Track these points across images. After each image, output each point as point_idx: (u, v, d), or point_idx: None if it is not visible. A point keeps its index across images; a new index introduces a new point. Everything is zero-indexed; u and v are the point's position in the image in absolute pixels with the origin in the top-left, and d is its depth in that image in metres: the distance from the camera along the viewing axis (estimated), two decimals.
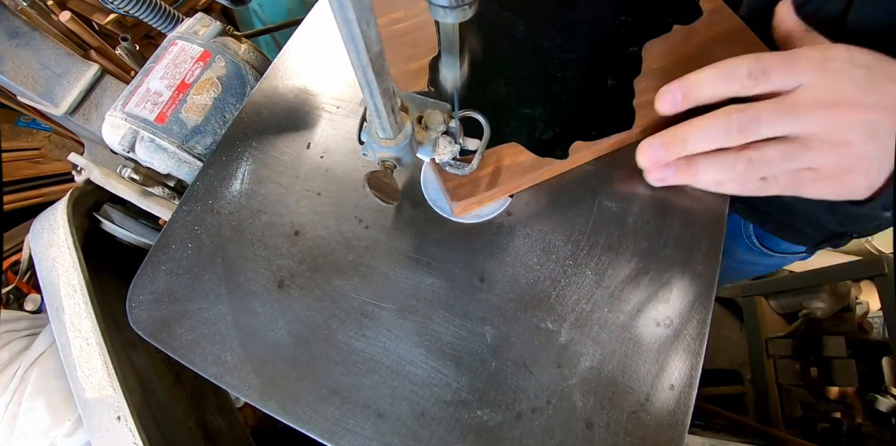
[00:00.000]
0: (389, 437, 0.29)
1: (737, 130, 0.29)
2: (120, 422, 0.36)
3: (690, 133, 0.31)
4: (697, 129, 0.31)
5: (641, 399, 0.29)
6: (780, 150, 0.29)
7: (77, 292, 0.39)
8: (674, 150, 0.31)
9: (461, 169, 0.30)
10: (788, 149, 0.29)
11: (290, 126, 0.37)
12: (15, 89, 0.42)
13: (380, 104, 0.22)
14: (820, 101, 0.29)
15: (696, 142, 0.31)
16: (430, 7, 0.20)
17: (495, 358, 0.30)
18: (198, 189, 0.35)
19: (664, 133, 0.32)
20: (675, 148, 0.31)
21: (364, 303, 0.31)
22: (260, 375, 0.30)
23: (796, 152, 0.29)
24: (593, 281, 0.31)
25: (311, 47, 0.40)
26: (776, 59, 0.30)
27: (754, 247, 0.58)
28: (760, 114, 0.29)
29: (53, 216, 0.41)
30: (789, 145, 0.29)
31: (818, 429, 1.02)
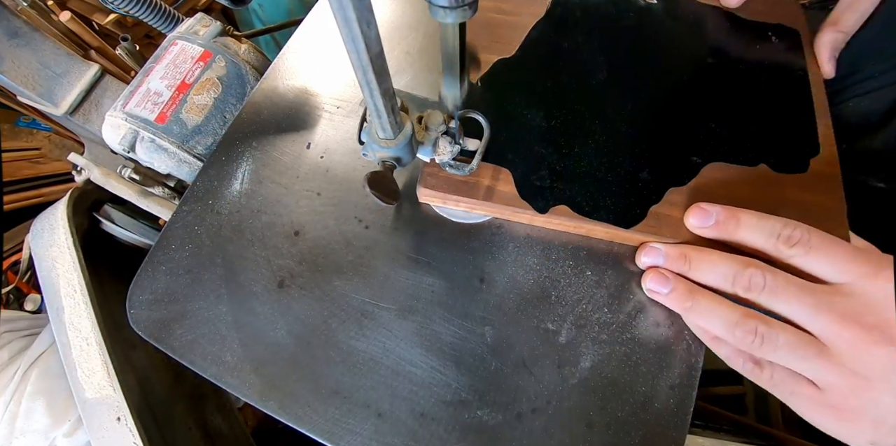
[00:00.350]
0: (389, 437, 0.29)
1: (744, 284, 0.27)
2: (120, 423, 0.36)
3: (697, 258, 0.28)
4: (706, 257, 0.28)
5: (641, 399, 0.29)
6: (793, 340, 0.26)
7: (77, 292, 0.39)
8: (673, 263, 0.29)
9: (461, 169, 0.30)
10: (803, 345, 0.25)
11: (290, 126, 0.37)
12: (15, 89, 0.42)
13: (380, 104, 0.22)
14: (853, 313, 0.25)
15: (698, 269, 0.28)
16: (431, 8, 0.20)
17: (495, 358, 0.30)
18: (198, 189, 0.35)
19: (672, 245, 0.30)
20: (675, 262, 0.29)
21: (364, 303, 0.31)
22: (260, 375, 0.30)
23: (809, 354, 0.25)
24: (593, 281, 0.31)
25: (311, 47, 0.40)
26: (828, 241, 0.27)
27: None
28: (779, 284, 0.26)
29: (53, 216, 0.41)
30: (807, 343, 0.26)
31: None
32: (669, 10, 0.38)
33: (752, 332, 0.26)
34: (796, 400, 0.27)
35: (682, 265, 0.29)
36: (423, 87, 0.38)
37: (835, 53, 0.36)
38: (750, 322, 0.26)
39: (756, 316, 0.26)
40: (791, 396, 0.27)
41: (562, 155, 0.32)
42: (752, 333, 0.26)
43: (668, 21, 0.38)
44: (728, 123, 0.33)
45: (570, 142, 0.33)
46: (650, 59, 0.36)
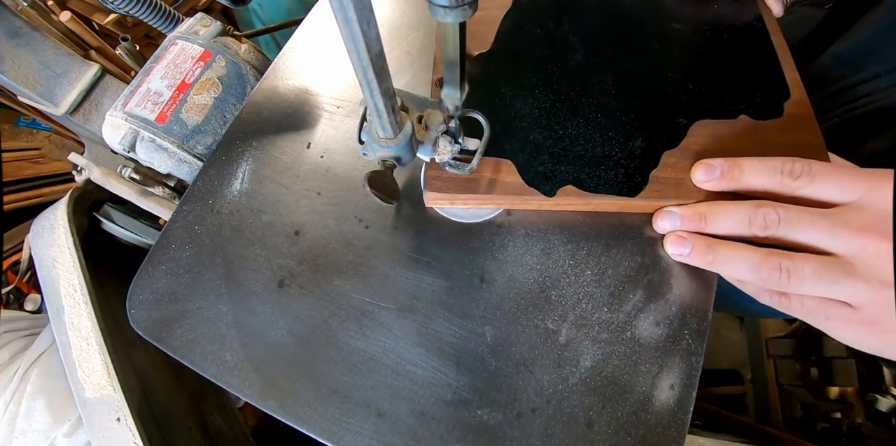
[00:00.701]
0: (389, 437, 0.29)
1: (760, 223, 0.27)
2: (120, 423, 0.36)
3: (711, 211, 0.29)
4: (720, 209, 0.29)
5: (641, 399, 0.29)
6: (818, 268, 0.26)
7: (77, 292, 0.39)
8: (689, 223, 0.30)
9: (461, 169, 0.30)
10: (829, 269, 0.26)
11: (290, 126, 0.37)
12: (15, 89, 0.42)
13: (380, 104, 0.22)
14: (869, 225, 0.25)
15: (714, 222, 0.29)
16: (430, 7, 0.20)
17: (495, 358, 0.30)
18: (198, 189, 0.35)
19: (686, 206, 0.30)
20: (691, 221, 0.30)
21: (364, 302, 0.31)
22: (260, 375, 0.30)
23: (837, 276, 0.26)
24: (593, 281, 0.31)
25: (311, 47, 0.40)
26: (828, 166, 0.28)
27: None
28: (792, 215, 0.27)
29: (53, 216, 0.41)
30: (831, 265, 0.26)
31: (818, 429, 1.02)
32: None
33: (776, 269, 0.26)
34: (832, 324, 0.27)
35: (699, 222, 0.30)
36: (423, 87, 0.38)
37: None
38: (773, 259, 0.27)
39: (777, 252, 0.27)
40: (827, 321, 0.27)
41: (557, 138, 0.33)
42: (777, 269, 0.26)
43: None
44: (704, 82, 0.35)
45: (563, 124, 0.34)
46: (620, 33, 0.37)
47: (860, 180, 0.27)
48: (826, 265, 0.26)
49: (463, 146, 0.30)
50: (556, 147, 0.33)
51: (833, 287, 0.26)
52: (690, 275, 0.31)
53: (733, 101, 0.34)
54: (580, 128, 0.33)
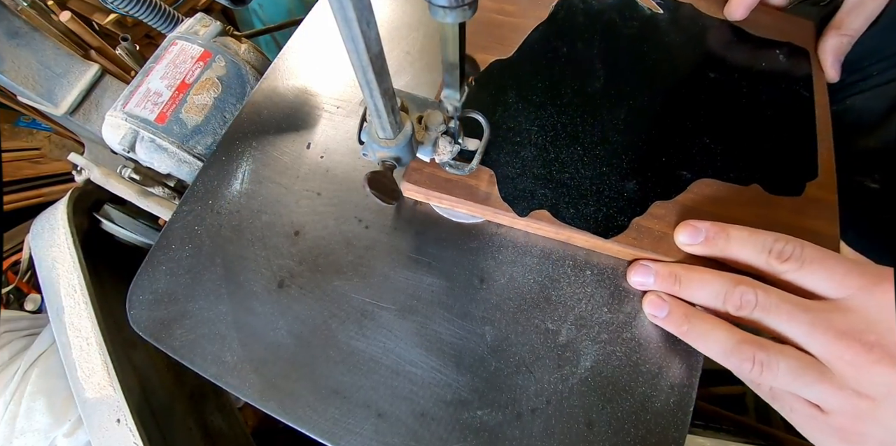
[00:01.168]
0: (389, 437, 0.29)
1: (735, 303, 0.26)
2: (120, 423, 0.36)
3: (687, 276, 0.28)
4: (697, 276, 0.28)
5: (642, 399, 0.29)
6: (795, 367, 0.24)
7: (77, 292, 0.39)
8: (662, 282, 0.29)
9: (461, 169, 0.30)
10: (805, 370, 0.24)
11: (290, 126, 0.37)
12: (15, 89, 0.42)
13: (380, 104, 0.22)
14: (852, 330, 0.24)
15: (688, 288, 0.28)
16: (430, 7, 0.20)
17: (495, 358, 0.30)
18: (198, 189, 0.35)
19: (663, 263, 0.29)
20: (665, 281, 0.29)
21: (364, 302, 0.31)
22: (260, 375, 0.30)
23: (811, 380, 0.24)
24: (593, 281, 0.31)
25: (311, 47, 0.40)
26: (822, 254, 0.25)
27: None
28: (771, 301, 0.25)
29: (53, 216, 0.41)
30: (807, 366, 0.24)
31: None
32: (674, 20, 0.38)
33: (749, 360, 0.25)
34: (796, 418, 0.26)
35: (672, 284, 0.28)
36: (423, 87, 0.38)
37: (840, 58, 0.35)
38: (747, 349, 0.25)
39: (754, 341, 0.25)
40: (791, 414, 0.26)
41: (548, 160, 0.32)
42: (750, 361, 0.25)
43: (671, 32, 0.37)
44: (723, 140, 0.33)
45: (558, 148, 0.32)
46: (649, 70, 0.36)
47: (854, 276, 0.25)
48: (802, 365, 0.24)
49: (463, 146, 0.30)
50: (543, 169, 0.31)
51: (805, 389, 0.25)
52: None
53: (750, 166, 0.32)
54: (574, 155, 0.32)
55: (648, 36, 0.37)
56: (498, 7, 0.37)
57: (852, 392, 0.23)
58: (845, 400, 0.24)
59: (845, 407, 0.24)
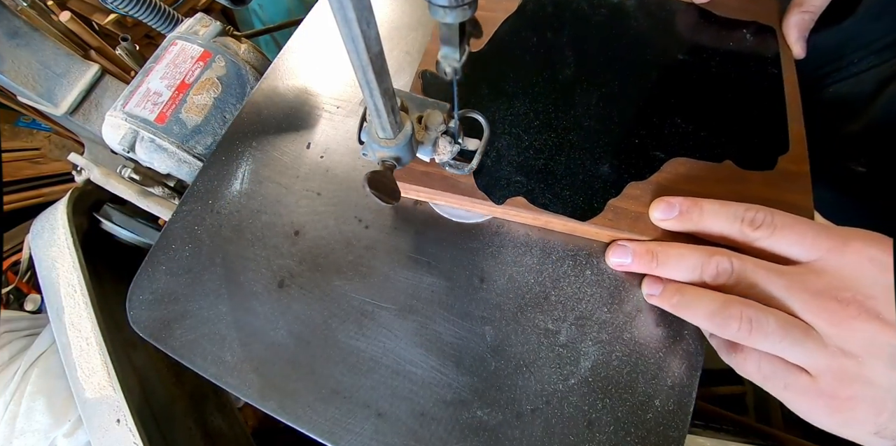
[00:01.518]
0: (389, 437, 0.29)
1: (711, 272, 0.26)
2: (120, 423, 0.36)
3: (663, 252, 0.28)
4: (673, 251, 0.28)
5: (641, 398, 0.29)
6: (785, 324, 0.24)
7: (77, 292, 0.39)
8: (640, 260, 0.29)
9: (461, 168, 0.30)
10: (791, 327, 0.24)
11: (290, 126, 0.37)
12: (15, 89, 0.42)
13: (380, 104, 0.22)
14: (826, 289, 0.24)
15: (665, 264, 0.28)
16: (430, 7, 0.20)
17: (495, 358, 0.30)
18: (198, 189, 0.35)
19: (639, 242, 0.30)
20: (642, 258, 0.29)
21: (364, 302, 0.31)
22: (260, 375, 0.30)
23: (798, 336, 0.24)
24: (593, 280, 0.31)
25: (311, 47, 0.40)
26: (792, 219, 0.26)
27: None
28: (747, 268, 0.26)
29: (53, 216, 0.41)
30: (793, 324, 0.24)
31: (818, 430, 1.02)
32: (641, 5, 0.38)
33: (737, 318, 0.25)
34: (790, 394, 0.25)
35: (650, 261, 0.29)
36: None
37: (804, 34, 0.36)
38: (734, 306, 0.25)
39: (742, 301, 0.25)
40: (784, 391, 0.26)
41: (522, 148, 0.32)
42: (738, 319, 0.25)
43: (639, 17, 0.38)
44: (695, 119, 0.33)
45: (532, 135, 0.33)
46: (619, 55, 0.36)
47: (824, 238, 0.25)
48: (789, 322, 0.24)
49: (463, 146, 0.30)
50: (518, 156, 0.32)
51: (795, 347, 0.24)
52: None
53: (722, 143, 0.32)
54: (548, 142, 0.32)
55: (617, 22, 0.38)
56: None
57: (837, 349, 0.24)
58: (832, 359, 0.24)
59: (832, 366, 0.24)
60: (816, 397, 0.24)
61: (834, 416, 0.24)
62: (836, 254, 0.24)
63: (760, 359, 0.26)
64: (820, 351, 0.24)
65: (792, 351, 0.24)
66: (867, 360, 0.23)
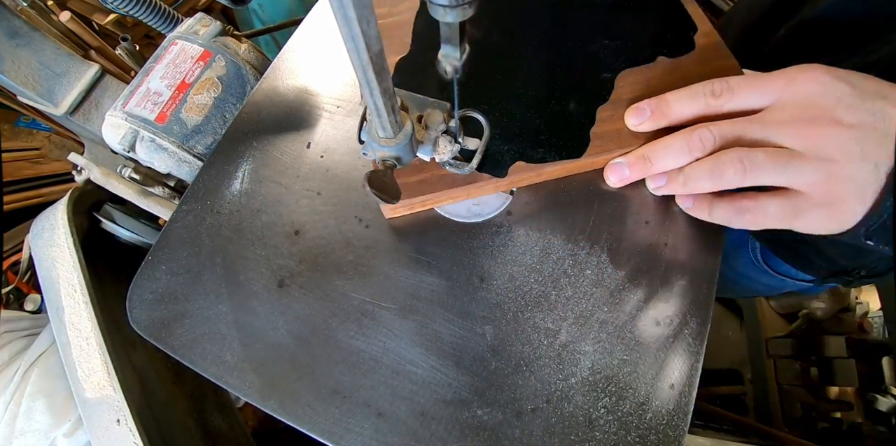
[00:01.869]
0: (389, 437, 0.29)
1: (698, 145, 0.29)
2: (120, 424, 0.36)
3: (651, 151, 0.31)
4: (658, 146, 0.31)
5: (641, 398, 0.29)
6: (771, 154, 0.28)
7: (77, 292, 0.38)
8: (636, 168, 0.32)
9: (461, 168, 0.30)
10: (779, 154, 0.28)
11: (290, 126, 0.37)
12: (15, 89, 0.42)
13: (380, 103, 0.22)
14: (793, 116, 0.28)
15: (657, 158, 0.31)
16: (430, 6, 0.20)
17: (495, 358, 0.30)
18: (198, 189, 0.35)
19: (629, 154, 0.32)
20: (636, 165, 0.32)
21: (364, 302, 0.31)
22: (260, 375, 0.30)
23: (787, 159, 0.27)
24: (593, 280, 0.31)
25: (311, 47, 0.40)
26: (744, 77, 0.30)
27: (756, 262, 0.56)
28: (723, 129, 0.29)
29: (53, 216, 0.41)
30: (780, 151, 0.28)
31: (818, 429, 1.02)
32: None
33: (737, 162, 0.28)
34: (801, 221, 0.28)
35: (644, 164, 0.31)
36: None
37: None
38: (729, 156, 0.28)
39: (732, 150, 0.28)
40: (796, 219, 0.29)
41: (497, 120, 0.34)
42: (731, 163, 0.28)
43: None
44: (617, 35, 0.36)
45: (498, 107, 0.34)
46: (530, 8, 0.38)
47: (773, 80, 0.29)
48: (775, 151, 0.28)
49: (463, 146, 0.30)
50: (497, 129, 0.33)
51: (786, 169, 0.27)
52: (691, 276, 0.32)
53: (647, 45, 0.36)
54: (514, 106, 0.34)
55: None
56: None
57: (819, 160, 0.27)
58: (818, 169, 0.27)
59: (819, 173, 0.27)
60: (820, 209, 0.28)
61: (833, 220, 0.28)
62: (789, 88, 0.28)
63: (768, 206, 0.29)
64: (807, 165, 0.27)
65: (785, 174, 0.28)
66: (845, 163, 0.26)
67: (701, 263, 0.32)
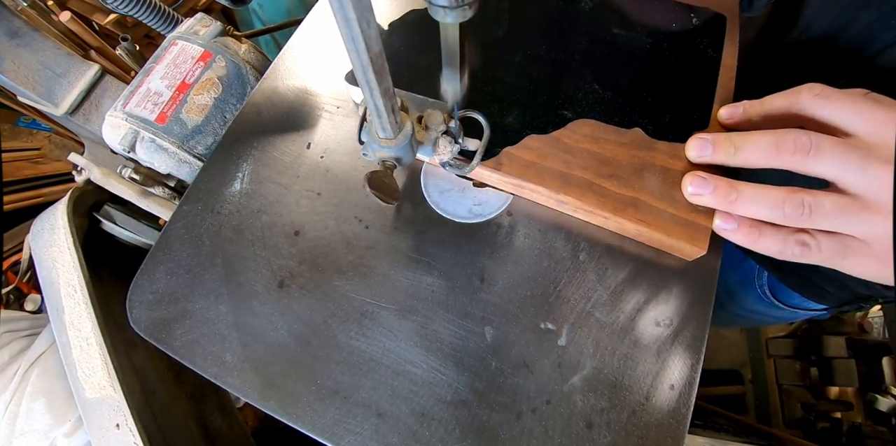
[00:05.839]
0: (389, 437, 0.29)
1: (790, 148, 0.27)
2: (120, 424, 0.36)
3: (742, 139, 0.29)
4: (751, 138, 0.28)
5: (641, 399, 0.29)
6: (836, 201, 0.26)
7: (77, 292, 0.38)
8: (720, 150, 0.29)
9: (461, 168, 0.30)
10: (846, 202, 0.26)
11: (290, 126, 0.37)
12: (15, 89, 0.42)
13: (380, 104, 0.22)
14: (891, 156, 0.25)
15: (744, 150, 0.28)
16: (430, 7, 0.20)
17: (495, 358, 0.30)
18: (198, 189, 0.35)
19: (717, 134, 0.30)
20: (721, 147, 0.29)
21: (364, 302, 0.31)
22: (260, 375, 0.30)
23: (854, 210, 0.26)
24: (593, 281, 0.31)
25: (311, 47, 0.40)
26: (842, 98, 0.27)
27: (765, 297, 0.55)
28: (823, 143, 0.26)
29: (53, 216, 0.41)
30: (847, 198, 0.26)
31: (818, 429, 1.02)
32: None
33: (800, 205, 0.26)
34: (848, 263, 0.27)
35: (729, 148, 0.29)
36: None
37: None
38: (796, 196, 0.27)
39: (799, 190, 0.27)
40: (843, 260, 0.27)
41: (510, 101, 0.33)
42: (801, 205, 0.26)
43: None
44: (614, 87, 0.34)
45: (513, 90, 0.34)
46: (554, 22, 0.37)
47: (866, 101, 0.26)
48: (846, 200, 0.26)
49: (463, 146, 0.30)
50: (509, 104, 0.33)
51: (851, 219, 0.26)
52: (691, 276, 0.31)
53: (636, 112, 0.33)
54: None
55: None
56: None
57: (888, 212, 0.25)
58: (883, 227, 0.25)
59: (884, 232, 0.26)
60: (871, 259, 0.27)
61: (885, 271, 0.27)
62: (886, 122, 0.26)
63: (821, 242, 0.27)
64: (877, 217, 0.26)
65: (848, 225, 0.26)
66: None
67: (701, 263, 0.32)
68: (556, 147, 0.32)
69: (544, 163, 0.31)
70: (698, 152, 0.30)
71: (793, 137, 0.27)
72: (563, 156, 0.32)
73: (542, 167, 0.31)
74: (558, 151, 0.32)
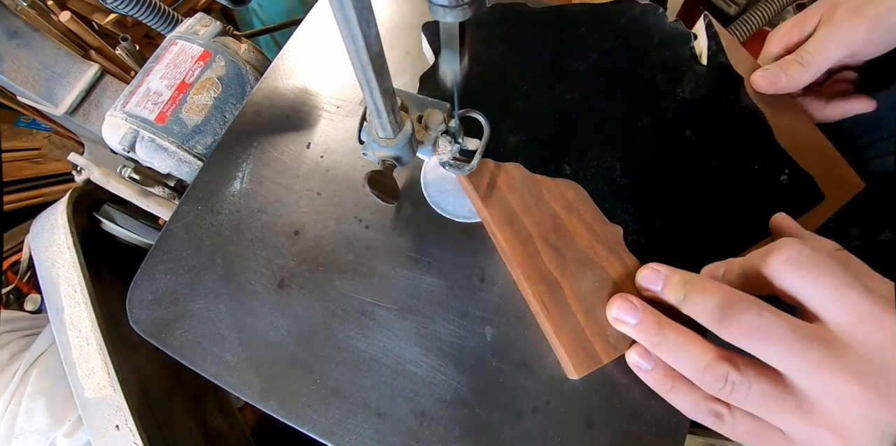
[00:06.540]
0: (389, 437, 0.29)
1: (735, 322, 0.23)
2: (120, 424, 0.36)
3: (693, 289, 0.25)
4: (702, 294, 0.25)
5: (642, 399, 0.29)
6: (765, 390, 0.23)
7: (77, 292, 0.38)
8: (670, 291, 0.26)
9: (461, 168, 0.30)
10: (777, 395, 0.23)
11: (290, 126, 0.37)
12: (15, 89, 0.42)
13: (380, 103, 0.22)
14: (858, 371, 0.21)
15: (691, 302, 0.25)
16: (430, 6, 0.20)
17: (495, 358, 0.30)
18: (198, 189, 0.35)
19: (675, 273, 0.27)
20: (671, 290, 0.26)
21: (364, 302, 0.31)
22: (260, 375, 0.30)
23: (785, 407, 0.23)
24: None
25: (311, 47, 0.40)
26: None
27: None
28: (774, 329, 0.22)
29: (53, 216, 0.41)
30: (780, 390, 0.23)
31: None
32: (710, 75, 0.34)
33: (721, 379, 0.23)
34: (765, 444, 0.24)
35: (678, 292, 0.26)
36: None
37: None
38: (721, 367, 0.23)
39: (729, 359, 0.24)
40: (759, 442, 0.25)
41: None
42: (722, 380, 0.23)
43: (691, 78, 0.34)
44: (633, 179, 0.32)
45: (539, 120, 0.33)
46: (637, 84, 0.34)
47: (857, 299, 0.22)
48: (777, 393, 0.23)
49: (463, 146, 0.30)
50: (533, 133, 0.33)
51: (774, 415, 0.23)
52: None
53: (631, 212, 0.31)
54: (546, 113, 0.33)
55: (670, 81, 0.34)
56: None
57: (826, 428, 0.22)
58: (818, 435, 0.22)
59: (813, 440, 0.22)
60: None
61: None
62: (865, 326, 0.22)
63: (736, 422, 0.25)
64: (807, 426, 0.22)
65: (772, 417, 0.23)
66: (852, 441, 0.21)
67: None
68: (530, 189, 0.31)
69: (507, 193, 0.30)
70: (646, 283, 0.28)
71: (739, 311, 0.23)
72: (529, 200, 0.30)
73: (502, 195, 0.30)
74: (528, 193, 0.31)
